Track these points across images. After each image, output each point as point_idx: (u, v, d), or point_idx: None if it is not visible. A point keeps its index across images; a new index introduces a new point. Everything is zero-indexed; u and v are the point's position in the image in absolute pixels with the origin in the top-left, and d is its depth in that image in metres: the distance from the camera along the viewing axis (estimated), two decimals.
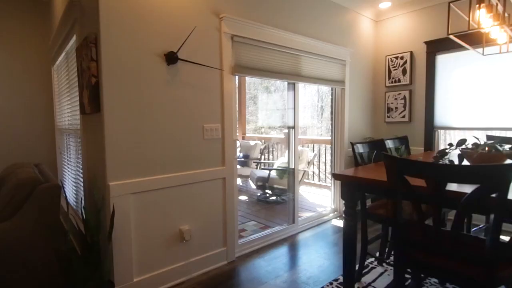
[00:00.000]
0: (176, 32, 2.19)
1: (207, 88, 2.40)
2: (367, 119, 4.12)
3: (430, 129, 3.66)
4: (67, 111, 3.23)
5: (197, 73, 2.34)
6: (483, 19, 1.70)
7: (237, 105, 2.87)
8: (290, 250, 2.91)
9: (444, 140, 3.73)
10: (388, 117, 4.03)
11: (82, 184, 2.64)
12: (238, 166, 5.57)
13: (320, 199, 4.82)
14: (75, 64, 2.51)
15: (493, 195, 1.18)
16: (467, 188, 1.34)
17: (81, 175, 2.66)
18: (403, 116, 3.88)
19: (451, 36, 1.72)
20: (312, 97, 7.20)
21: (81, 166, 2.67)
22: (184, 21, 2.24)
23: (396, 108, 3.94)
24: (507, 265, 1.33)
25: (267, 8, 2.82)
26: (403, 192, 1.38)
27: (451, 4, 1.66)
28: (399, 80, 3.89)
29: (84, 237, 1.90)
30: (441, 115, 3.61)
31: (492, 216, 1.21)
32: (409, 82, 3.80)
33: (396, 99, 3.94)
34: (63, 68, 3.32)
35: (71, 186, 3.32)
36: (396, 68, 3.91)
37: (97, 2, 1.88)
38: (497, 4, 1.86)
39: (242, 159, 5.77)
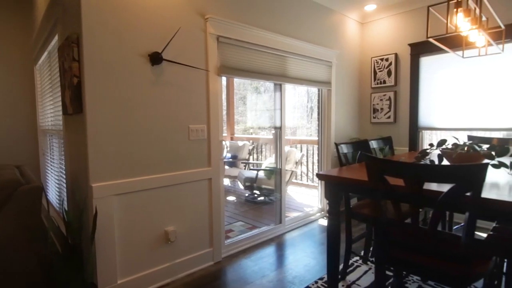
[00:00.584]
0: (160, 32, 2.18)
1: (192, 89, 2.40)
2: (353, 119, 4.17)
3: (415, 130, 3.74)
4: (50, 111, 3.17)
5: (182, 74, 2.33)
6: (461, 23, 1.75)
7: (225, 106, 2.86)
8: (277, 250, 2.92)
9: (428, 140, 3.82)
10: (374, 117, 4.09)
11: (65, 185, 2.59)
12: (226, 167, 5.57)
13: (308, 199, 4.86)
14: (57, 64, 2.47)
15: (468, 194, 1.21)
16: (445, 188, 1.38)
17: (64, 177, 2.61)
18: (388, 117, 3.95)
19: (431, 39, 1.76)
20: (302, 98, 7.26)
21: (64, 168, 2.62)
22: (169, 21, 2.23)
23: (382, 109, 4.01)
24: (482, 262, 1.37)
25: (253, 10, 2.83)
26: (383, 192, 1.41)
27: (430, 8, 1.70)
28: (384, 82, 3.96)
29: (66, 239, 1.87)
30: (425, 116, 3.69)
31: (467, 214, 1.25)
32: (394, 83, 3.87)
33: (381, 100, 4.01)
34: (46, 67, 3.25)
35: (55, 188, 3.25)
36: (382, 69, 3.98)
37: (79, 1, 1.85)
38: (475, 9, 1.92)
39: (230, 159, 5.77)
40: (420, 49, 3.61)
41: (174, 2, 2.25)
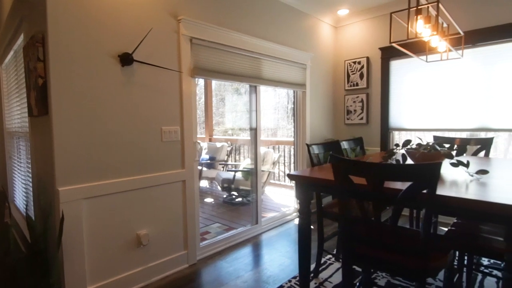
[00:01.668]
0: (131, 33, 2.15)
1: (165, 90, 2.38)
2: (328, 121, 4.27)
3: (385, 131, 3.88)
4: (17, 112, 3.05)
5: (155, 75, 2.31)
6: (422, 29, 1.84)
7: (203, 107, 2.86)
8: (253, 250, 2.94)
9: (398, 140, 3.97)
10: (348, 119, 4.21)
11: (32, 189, 2.50)
12: (204, 168, 5.54)
13: (285, 199, 4.91)
14: (23, 64, 2.38)
15: (424, 191, 1.28)
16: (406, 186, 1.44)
17: (31, 181, 2.52)
18: (361, 118, 4.07)
19: (394, 44, 1.85)
20: (282, 99, 7.34)
21: (31, 171, 2.52)
22: (141, 22, 2.20)
23: (355, 110, 4.13)
24: (441, 255, 1.45)
25: (228, 12, 2.84)
26: (348, 190, 1.46)
27: (393, 15, 1.79)
28: (357, 84, 4.08)
29: (30, 245, 1.80)
30: (395, 117, 3.83)
31: (424, 210, 1.32)
32: (366, 86, 4.00)
33: (354, 102, 4.13)
34: (12, 67, 3.12)
35: (22, 192, 3.12)
36: (354, 72, 4.10)
37: None
38: (437, 16, 2.02)
39: (208, 161, 5.74)
40: (389, 53, 3.75)
41: (146, 2, 2.23)
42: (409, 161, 2.07)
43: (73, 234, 1.92)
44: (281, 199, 4.92)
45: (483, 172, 1.71)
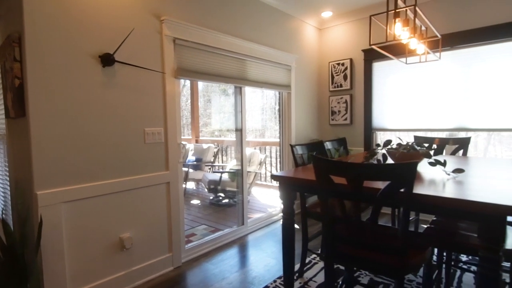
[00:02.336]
0: (112, 33, 2.12)
1: (148, 91, 2.35)
2: (313, 121, 4.32)
3: (369, 131, 3.95)
4: None
5: (137, 76, 2.28)
6: (400, 32, 1.89)
7: (189, 108, 2.83)
8: (239, 251, 2.94)
9: (381, 140, 4.05)
10: (332, 119, 4.27)
11: (9, 193, 2.42)
12: (191, 170, 5.50)
13: (272, 199, 4.94)
14: None
15: (402, 190, 1.32)
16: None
17: (9, 184, 2.44)
18: (345, 119, 4.13)
19: (374, 46, 1.89)
20: (270, 100, 7.37)
21: (8, 174, 2.45)
22: (122, 22, 2.18)
23: (339, 111, 4.19)
24: (419, 252, 1.48)
25: (212, 13, 2.84)
26: (329, 190, 1.49)
27: (372, 17, 1.83)
28: (341, 85, 4.15)
29: (7, 250, 1.75)
30: (378, 118, 3.91)
31: (402, 209, 1.35)
32: (349, 87, 4.06)
33: (338, 103, 4.19)
34: None
35: (0, 196, 3.02)
36: (338, 74, 4.16)
37: None
38: (414, 19, 2.08)
39: (195, 162, 5.70)
40: (372, 55, 3.83)
41: (127, 2, 2.20)
42: (390, 160, 2.12)
43: (52, 239, 1.88)
44: (268, 200, 4.94)
45: (459, 170, 1.77)
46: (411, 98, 3.62)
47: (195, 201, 5.04)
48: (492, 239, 1.27)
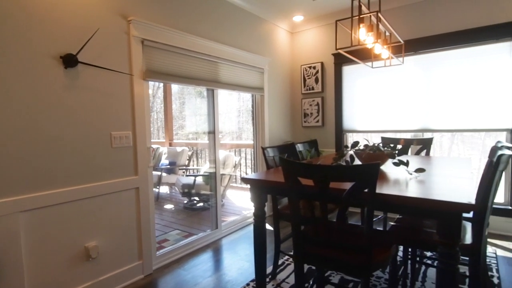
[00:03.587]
0: (76, 33, 2.04)
1: (115, 93, 2.28)
2: (286, 123, 4.37)
3: (340, 133, 4.05)
4: None
5: (103, 78, 2.20)
6: (364, 37, 1.96)
7: (162, 111, 2.77)
8: (212, 255, 2.91)
9: (351, 142, 4.16)
10: (305, 122, 4.34)
11: None
12: (164, 174, 5.38)
13: (247, 202, 4.93)
14: None
15: (366, 190, 1.35)
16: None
17: None
18: (317, 121, 4.22)
19: (340, 51, 1.94)
20: (246, 102, 7.37)
21: None
22: (86, 21, 2.09)
23: (311, 113, 4.27)
24: (384, 250, 1.53)
25: (183, 15, 2.80)
26: (297, 191, 1.50)
27: (338, 22, 1.88)
28: (312, 88, 4.23)
29: None
30: (348, 120, 4.02)
31: (366, 208, 1.39)
32: (321, 90, 4.16)
33: (311, 105, 4.27)
34: None
35: None
36: (310, 77, 4.24)
37: None
38: (377, 24, 2.16)
39: (168, 166, 5.59)
40: (342, 58, 3.94)
41: (91, 0, 2.12)
42: (357, 161, 2.18)
43: (9, 251, 1.76)
44: (243, 202, 4.93)
45: (420, 170, 1.85)
46: (379, 100, 3.76)
47: (169, 206, 4.94)
48: (449, 235, 1.34)
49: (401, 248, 2.72)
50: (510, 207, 3.11)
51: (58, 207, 1.98)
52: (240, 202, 4.95)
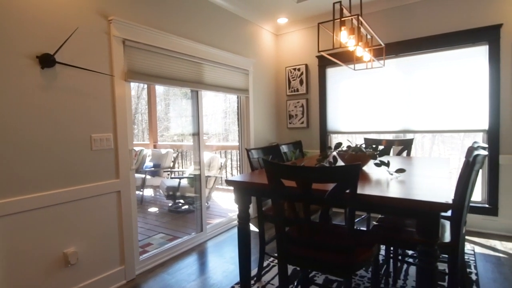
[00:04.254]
0: (53, 32, 1.97)
1: (95, 95, 2.22)
2: (271, 125, 4.38)
3: (324, 134, 4.09)
4: None
5: (82, 79, 2.14)
6: (346, 40, 1.98)
7: (146, 113, 2.71)
8: (197, 259, 2.87)
9: (335, 143, 4.21)
10: (290, 123, 4.36)
11: None
12: (148, 176, 5.29)
13: (232, 204, 4.90)
14: None
15: (348, 191, 1.37)
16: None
17: None
18: (302, 122, 4.25)
19: (322, 53, 1.96)
20: (233, 104, 7.35)
21: None
22: (64, 20, 2.03)
23: (296, 115, 4.30)
24: (366, 250, 1.55)
25: (167, 16, 2.77)
26: (280, 193, 1.50)
27: (320, 25, 1.90)
28: (297, 90, 4.26)
29: None
30: (332, 121, 4.07)
31: (347, 209, 1.41)
32: (305, 91, 4.19)
33: (296, 107, 4.29)
34: None
35: None
36: (295, 78, 4.27)
37: None
38: (358, 27, 2.19)
39: (153, 168, 5.50)
40: (325, 61, 3.98)
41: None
42: (340, 162, 2.21)
43: None
44: (229, 204, 4.90)
45: (400, 170, 1.89)
46: (361, 102, 3.83)
47: (153, 209, 4.86)
48: (428, 234, 1.36)
49: (383, 247, 2.76)
50: (487, 205, 3.21)
51: (35, 212, 1.91)
52: (226, 204, 4.92)
